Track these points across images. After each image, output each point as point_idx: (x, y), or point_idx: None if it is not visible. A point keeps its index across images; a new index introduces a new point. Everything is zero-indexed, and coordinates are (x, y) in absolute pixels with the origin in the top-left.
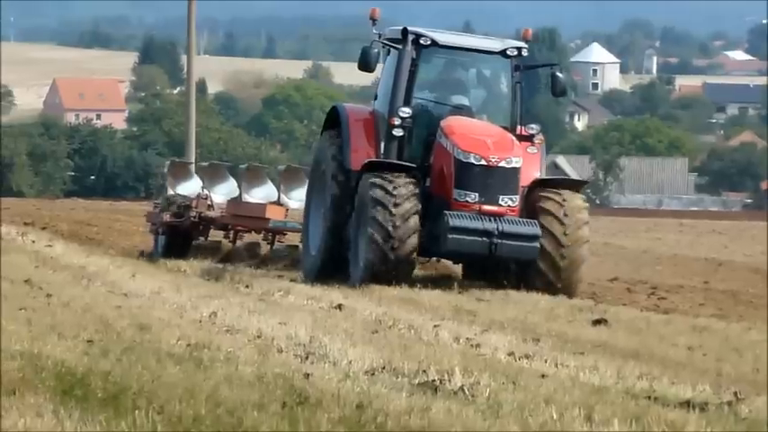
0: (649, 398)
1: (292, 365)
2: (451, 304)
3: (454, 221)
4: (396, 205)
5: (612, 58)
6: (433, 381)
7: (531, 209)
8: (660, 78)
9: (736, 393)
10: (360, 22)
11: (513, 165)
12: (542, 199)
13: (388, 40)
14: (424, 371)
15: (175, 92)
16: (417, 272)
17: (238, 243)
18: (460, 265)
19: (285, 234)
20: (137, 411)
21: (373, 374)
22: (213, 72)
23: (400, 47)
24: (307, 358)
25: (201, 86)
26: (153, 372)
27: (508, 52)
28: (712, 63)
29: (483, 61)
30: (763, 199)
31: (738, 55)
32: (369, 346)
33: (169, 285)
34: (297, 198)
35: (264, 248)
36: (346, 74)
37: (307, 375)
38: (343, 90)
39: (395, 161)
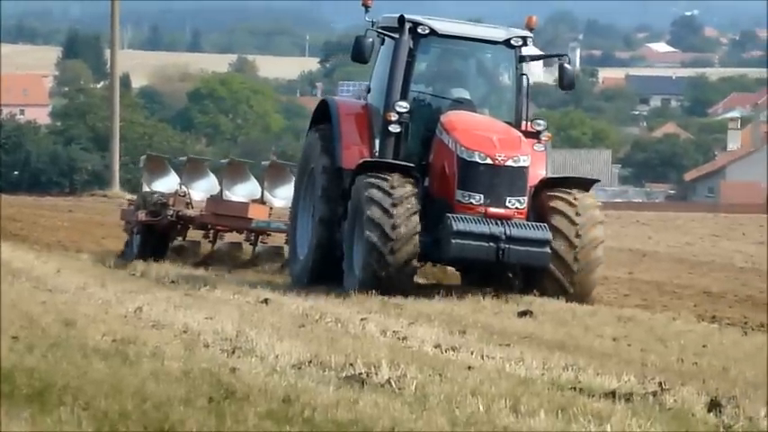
0: (575, 389)
1: (219, 360)
2: (378, 297)
3: (458, 225)
4: (394, 211)
5: (536, 51)
6: (360, 374)
7: (538, 211)
8: (584, 71)
9: (661, 384)
10: (285, 15)
11: (521, 164)
12: (552, 200)
13: (383, 28)
14: (351, 364)
15: (99, 86)
16: (417, 279)
17: (219, 243)
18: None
19: (269, 234)
20: (62, 407)
21: (300, 368)
22: (138, 66)
23: (396, 36)
24: (233, 353)
25: (126, 81)
26: (79, 367)
27: (512, 42)
28: (635, 55)
29: (485, 51)
30: (687, 190)
31: (661, 47)
32: (296, 340)
33: (94, 281)
34: (282, 196)
35: (247, 250)
36: (272, 67)
37: (233, 370)
38: (269, 84)
39: (392, 161)
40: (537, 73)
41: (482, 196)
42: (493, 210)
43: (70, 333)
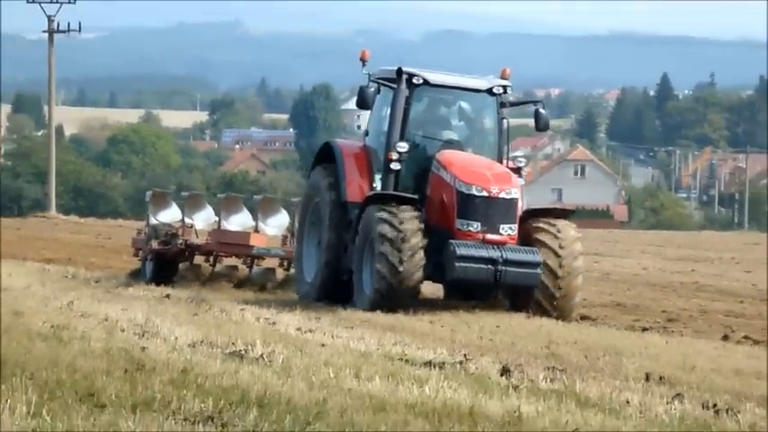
0: (402, 359)
1: (132, 341)
2: (254, 293)
3: (461, 250)
4: (403, 240)
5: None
6: (240, 350)
7: (523, 239)
8: None
9: (465, 355)
10: (181, 79)
11: (512, 195)
12: (537, 230)
13: (382, 79)
14: (233, 343)
15: (39, 134)
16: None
17: (218, 266)
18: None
19: (264, 258)
20: (13, 378)
21: (194, 347)
22: (69, 119)
23: (394, 86)
24: (143, 335)
25: (60, 130)
26: (25, 347)
27: (494, 90)
28: None
29: (471, 99)
30: None
31: None
32: (191, 326)
33: (36, 281)
34: (272, 225)
35: (242, 271)
36: (171, 119)
37: (143, 348)
38: (169, 131)
39: (400, 193)
40: None
41: (479, 224)
42: (489, 236)
43: (18, 321)
